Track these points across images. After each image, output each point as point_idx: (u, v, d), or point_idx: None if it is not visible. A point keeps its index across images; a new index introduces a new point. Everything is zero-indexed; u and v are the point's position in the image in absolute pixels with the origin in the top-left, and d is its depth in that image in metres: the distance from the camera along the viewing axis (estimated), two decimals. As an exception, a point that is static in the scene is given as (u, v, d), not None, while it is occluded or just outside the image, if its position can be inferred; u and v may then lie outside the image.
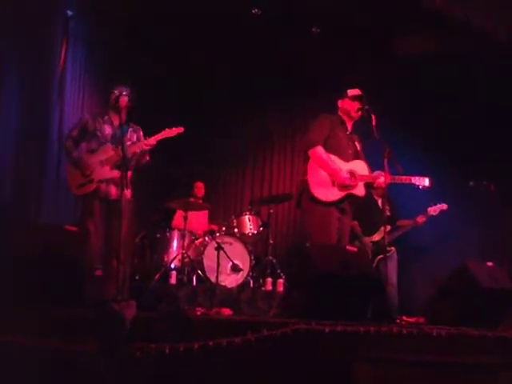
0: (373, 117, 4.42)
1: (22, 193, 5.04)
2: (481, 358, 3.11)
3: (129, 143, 4.64)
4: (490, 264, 4.04)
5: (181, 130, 4.72)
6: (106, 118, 4.68)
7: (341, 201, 4.48)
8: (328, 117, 4.69)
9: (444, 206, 6.01)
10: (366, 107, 4.53)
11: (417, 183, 4.55)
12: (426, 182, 4.57)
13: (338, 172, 4.46)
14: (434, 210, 6.02)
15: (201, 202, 7.10)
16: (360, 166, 4.59)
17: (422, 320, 3.92)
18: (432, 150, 6.61)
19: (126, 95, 4.58)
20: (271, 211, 6.71)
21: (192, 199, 6.62)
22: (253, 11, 6.39)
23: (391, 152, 4.29)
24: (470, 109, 6.43)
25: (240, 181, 8.33)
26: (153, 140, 4.60)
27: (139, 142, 4.62)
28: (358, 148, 4.70)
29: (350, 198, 4.52)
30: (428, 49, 6.51)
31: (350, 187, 4.48)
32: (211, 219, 7.20)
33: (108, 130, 4.63)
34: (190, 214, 6.31)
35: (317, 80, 7.21)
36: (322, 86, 6.98)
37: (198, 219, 6.98)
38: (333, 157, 4.52)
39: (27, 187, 5.16)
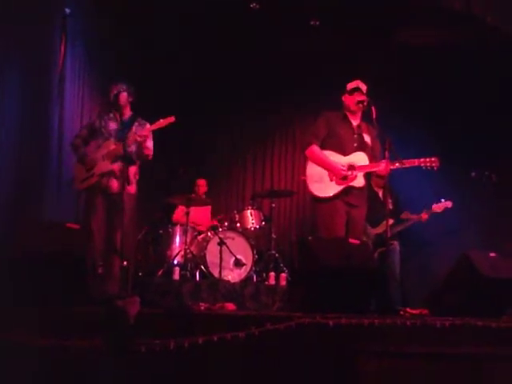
0: (373, 109, 4.39)
1: (23, 192, 5.04)
2: (485, 349, 3.12)
3: None
4: (492, 254, 4.03)
5: (172, 119, 4.70)
6: (111, 115, 4.77)
7: (340, 194, 4.49)
8: (326, 115, 4.73)
9: (448, 204, 5.99)
10: (366, 99, 4.50)
11: (425, 165, 4.42)
12: (435, 162, 4.40)
13: (333, 166, 4.51)
14: (438, 207, 6.00)
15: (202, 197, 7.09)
16: (360, 158, 4.59)
17: (425, 312, 3.93)
18: (434, 141, 6.61)
19: (124, 91, 4.69)
20: (273, 205, 6.68)
21: (193, 195, 6.61)
22: (251, 5, 6.37)
23: (392, 144, 4.28)
24: (473, 100, 6.41)
25: (241, 176, 8.32)
26: (145, 131, 4.63)
27: (132, 135, 4.60)
28: (366, 139, 4.65)
29: (351, 190, 4.53)
30: (430, 40, 6.49)
31: (348, 179, 4.49)
32: (213, 215, 7.19)
33: (113, 125, 4.72)
34: (192, 209, 6.31)
35: (317, 76, 7.21)
36: (322, 82, 6.96)
37: (200, 215, 6.98)
38: (328, 152, 4.57)
39: (28, 186, 5.16)
